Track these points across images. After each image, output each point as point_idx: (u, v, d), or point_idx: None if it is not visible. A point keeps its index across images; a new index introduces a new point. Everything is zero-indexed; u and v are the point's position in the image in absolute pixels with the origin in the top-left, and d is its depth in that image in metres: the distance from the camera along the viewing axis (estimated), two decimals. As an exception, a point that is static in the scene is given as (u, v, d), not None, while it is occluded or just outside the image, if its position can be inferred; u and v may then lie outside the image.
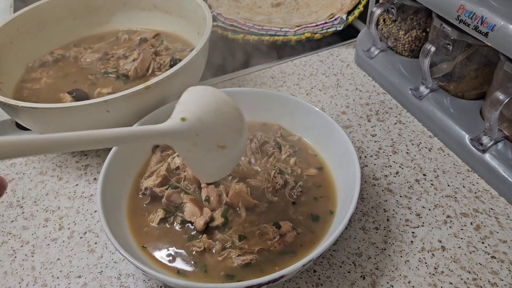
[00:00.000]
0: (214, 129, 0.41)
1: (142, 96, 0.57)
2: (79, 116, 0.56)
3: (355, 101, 0.74)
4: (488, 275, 0.49)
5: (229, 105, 0.43)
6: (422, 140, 0.66)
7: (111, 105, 0.55)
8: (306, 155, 0.60)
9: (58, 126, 0.58)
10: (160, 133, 0.39)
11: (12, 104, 0.55)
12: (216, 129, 0.41)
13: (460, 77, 0.65)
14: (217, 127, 0.42)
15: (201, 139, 0.40)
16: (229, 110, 0.43)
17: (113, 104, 0.55)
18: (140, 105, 0.58)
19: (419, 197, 0.58)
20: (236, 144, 0.44)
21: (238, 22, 0.88)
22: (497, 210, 0.56)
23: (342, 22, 0.85)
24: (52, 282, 0.50)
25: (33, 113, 0.56)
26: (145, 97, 0.58)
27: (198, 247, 0.48)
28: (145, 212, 0.53)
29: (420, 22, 0.71)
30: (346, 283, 0.48)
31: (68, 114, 0.55)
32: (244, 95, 0.65)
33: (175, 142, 0.41)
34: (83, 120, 0.57)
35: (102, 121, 0.57)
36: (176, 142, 0.40)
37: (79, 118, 0.56)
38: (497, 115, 0.55)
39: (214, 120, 0.41)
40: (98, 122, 0.57)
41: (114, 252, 0.53)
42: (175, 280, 0.43)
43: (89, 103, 0.54)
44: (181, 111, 0.40)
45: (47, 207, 0.58)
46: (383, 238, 0.53)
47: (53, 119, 0.57)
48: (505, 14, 0.52)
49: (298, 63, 0.83)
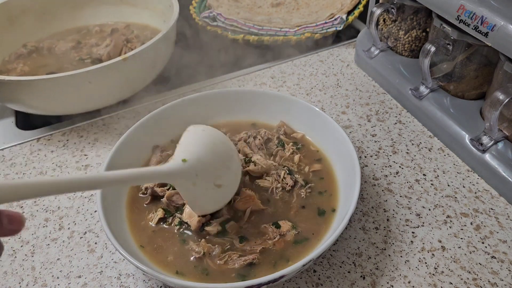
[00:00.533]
0: (212, 169, 0.45)
1: (121, 68, 0.64)
2: (63, 87, 0.62)
3: (355, 101, 0.74)
4: (488, 275, 0.49)
5: (226, 145, 0.47)
6: (422, 140, 0.66)
7: (93, 76, 0.61)
8: (309, 151, 0.60)
9: (45, 98, 0.64)
10: (163, 173, 0.42)
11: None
12: (214, 168, 0.45)
13: (460, 77, 0.65)
14: (214, 167, 0.45)
15: (200, 179, 0.44)
16: (225, 150, 0.47)
17: (95, 75, 0.62)
18: (118, 77, 0.66)
19: (419, 197, 0.58)
20: (232, 183, 0.48)
21: (238, 22, 0.88)
22: (497, 210, 0.56)
23: (342, 22, 0.85)
24: (52, 282, 0.50)
25: (18, 86, 0.61)
26: (123, 69, 0.65)
27: (197, 252, 0.48)
28: (145, 211, 0.53)
29: (420, 22, 0.71)
30: (346, 283, 0.48)
31: (52, 85, 0.61)
32: (244, 95, 0.65)
33: (176, 182, 0.44)
34: (67, 91, 0.63)
35: (85, 92, 0.63)
36: (178, 181, 0.44)
37: (64, 89, 0.62)
38: (497, 115, 0.55)
39: (212, 161, 0.45)
40: (82, 93, 0.64)
41: (114, 252, 0.53)
42: (175, 280, 0.43)
43: (72, 73, 0.60)
44: (182, 151, 0.44)
45: (47, 207, 0.58)
46: (383, 238, 0.53)
47: (39, 91, 0.62)
48: (505, 14, 0.52)
49: (298, 63, 0.83)
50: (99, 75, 0.62)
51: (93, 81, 0.62)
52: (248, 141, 0.61)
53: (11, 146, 0.68)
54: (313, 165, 0.58)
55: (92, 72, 0.61)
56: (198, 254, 0.48)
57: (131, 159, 0.58)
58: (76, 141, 0.68)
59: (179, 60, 0.80)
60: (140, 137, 0.59)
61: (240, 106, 0.65)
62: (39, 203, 0.59)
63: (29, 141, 0.69)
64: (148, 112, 0.60)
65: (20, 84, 0.61)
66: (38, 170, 0.64)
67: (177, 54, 0.81)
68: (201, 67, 0.80)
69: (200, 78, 0.80)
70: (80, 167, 0.64)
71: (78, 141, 0.68)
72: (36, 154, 0.66)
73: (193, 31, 0.89)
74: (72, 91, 0.63)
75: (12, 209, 0.58)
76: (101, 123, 0.71)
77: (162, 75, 0.78)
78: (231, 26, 0.88)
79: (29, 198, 0.34)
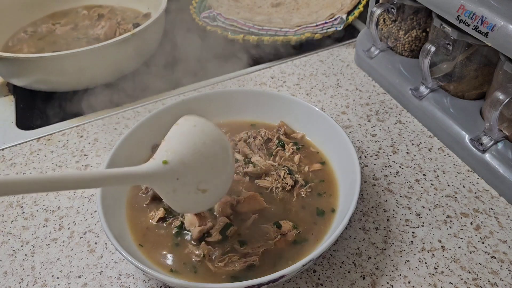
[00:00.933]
0: (196, 173, 0.40)
1: (127, 42, 0.72)
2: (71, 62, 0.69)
3: (355, 101, 0.74)
4: (488, 275, 0.49)
5: (218, 144, 0.41)
6: (422, 140, 0.66)
7: (98, 52, 0.69)
8: (309, 151, 0.60)
9: (49, 74, 0.72)
10: (139, 175, 0.38)
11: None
12: (199, 172, 0.40)
13: (460, 77, 0.65)
14: (200, 171, 0.40)
15: (181, 184, 0.39)
16: (216, 150, 0.41)
17: (102, 50, 0.69)
18: (128, 50, 0.74)
19: (419, 197, 0.58)
20: (220, 187, 0.43)
21: (238, 22, 0.88)
22: (497, 210, 0.56)
23: (342, 22, 0.85)
24: (52, 282, 0.50)
25: (27, 62, 0.69)
26: (128, 44, 0.73)
27: (197, 255, 0.48)
28: (145, 211, 0.53)
29: (420, 22, 0.71)
30: (346, 283, 0.48)
31: (54, 62, 0.69)
32: (244, 95, 0.65)
33: (154, 185, 0.40)
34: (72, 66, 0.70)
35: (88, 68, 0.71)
36: (156, 185, 0.40)
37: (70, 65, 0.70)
38: (497, 115, 0.55)
39: (199, 164, 0.39)
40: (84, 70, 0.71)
41: (114, 252, 0.53)
42: (176, 280, 0.43)
43: (79, 50, 0.68)
44: (165, 150, 0.39)
45: (47, 207, 0.58)
46: (383, 238, 0.53)
47: (39, 68, 0.70)
48: (505, 14, 0.52)
49: (298, 63, 0.83)
50: (107, 50, 0.70)
51: (99, 57, 0.70)
52: (248, 141, 0.61)
53: (11, 146, 0.68)
54: (313, 165, 0.58)
55: (100, 48, 0.69)
56: (198, 257, 0.47)
57: (131, 159, 0.58)
58: (76, 141, 0.68)
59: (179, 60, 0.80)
60: (140, 137, 0.59)
61: (240, 106, 0.65)
62: (39, 203, 0.59)
63: (29, 141, 0.69)
64: (148, 112, 0.60)
65: (29, 60, 0.69)
66: (38, 170, 0.64)
67: (177, 54, 0.81)
68: (201, 67, 0.80)
69: (200, 78, 0.80)
70: (80, 167, 0.64)
71: (78, 141, 0.68)
72: (36, 154, 0.66)
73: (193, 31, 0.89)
74: (75, 67, 0.70)
75: (12, 209, 0.58)
76: (101, 123, 0.71)
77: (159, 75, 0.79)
78: (231, 26, 0.88)
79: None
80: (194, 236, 0.49)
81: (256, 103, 0.64)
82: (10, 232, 0.55)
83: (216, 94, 0.65)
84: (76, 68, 0.71)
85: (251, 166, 0.56)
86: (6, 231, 0.56)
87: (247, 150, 0.59)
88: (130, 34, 0.71)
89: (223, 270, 0.46)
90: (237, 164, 0.57)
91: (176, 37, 0.85)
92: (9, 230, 0.56)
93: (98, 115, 0.73)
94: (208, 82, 0.79)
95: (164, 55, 0.83)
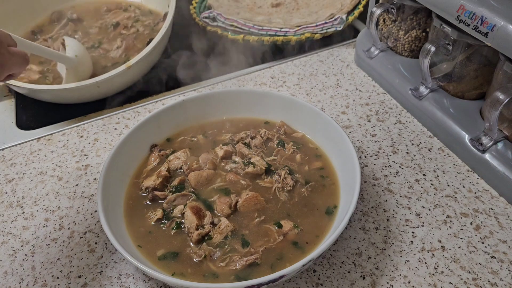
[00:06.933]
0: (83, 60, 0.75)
1: (125, 72, 0.73)
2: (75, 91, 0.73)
3: (355, 101, 0.74)
4: (488, 275, 0.49)
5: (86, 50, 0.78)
6: (422, 140, 0.66)
7: (101, 83, 0.72)
8: (309, 151, 0.60)
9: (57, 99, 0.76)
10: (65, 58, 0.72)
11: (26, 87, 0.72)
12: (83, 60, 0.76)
13: (460, 77, 0.65)
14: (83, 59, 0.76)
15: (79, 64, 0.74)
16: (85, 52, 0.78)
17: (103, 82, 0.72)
18: (122, 80, 0.76)
19: (419, 197, 0.58)
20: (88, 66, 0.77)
21: (238, 22, 0.88)
22: (497, 210, 0.56)
23: (342, 22, 0.85)
24: (52, 282, 0.50)
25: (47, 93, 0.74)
26: (128, 72, 0.74)
27: (198, 255, 0.48)
28: (144, 211, 0.53)
29: (420, 22, 0.71)
30: (346, 283, 0.48)
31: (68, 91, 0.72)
32: (244, 95, 0.65)
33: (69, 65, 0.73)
34: (79, 93, 0.74)
35: (93, 93, 0.74)
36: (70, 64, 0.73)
37: (76, 92, 0.73)
38: (497, 115, 0.55)
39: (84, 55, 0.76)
40: (89, 94, 0.75)
41: (114, 252, 0.53)
42: (176, 280, 0.43)
43: (83, 84, 0.71)
44: (74, 51, 0.74)
45: (47, 207, 0.58)
46: (383, 238, 0.53)
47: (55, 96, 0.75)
48: (505, 14, 0.52)
49: (298, 63, 0.83)
50: (106, 82, 0.72)
51: (101, 86, 0.72)
52: (247, 142, 0.61)
53: (11, 146, 0.68)
54: (313, 165, 0.58)
55: (101, 82, 0.71)
56: (199, 257, 0.48)
57: (131, 158, 0.58)
58: (76, 141, 0.68)
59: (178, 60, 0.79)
60: (140, 137, 0.59)
61: (240, 106, 0.65)
62: (39, 203, 0.59)
63: (29, 141, 0.69)
64: (148, 112, 0.60)
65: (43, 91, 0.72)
66: (38, 170, 0.64)
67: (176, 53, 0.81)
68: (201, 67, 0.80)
69: (200, 78, 0.80)
70: (80, 167, 0.64)
71: (78, 141, 0.68)
72: (36, 154, 0.66)
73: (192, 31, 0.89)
74: (84, 93, 0.74)
75: (12, 209, 0.58)
76: (101, 123, 0.71)
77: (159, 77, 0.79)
78: (231, 26, 0.88)
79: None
80: (193, 240, 0.49)
81: (256, 103, 0.64)
82: (10, 232, 0.56)
83: (216, 94, 0.65)
84: None
85: (251, 166, 0.56)
86: (6, 231, 0.56)
87: (246, 151, 0.59)
88: (125, 67, 0.72)
89: (225, 270, 0.46)
90: (235, 165, 0.57)
91: (176, 37, 0.85)
92: (9, 230, 0.56)
93: (98, 115, 0.73)
94: (208, 82, 0.79)
95: (164, 55, 0.83)
